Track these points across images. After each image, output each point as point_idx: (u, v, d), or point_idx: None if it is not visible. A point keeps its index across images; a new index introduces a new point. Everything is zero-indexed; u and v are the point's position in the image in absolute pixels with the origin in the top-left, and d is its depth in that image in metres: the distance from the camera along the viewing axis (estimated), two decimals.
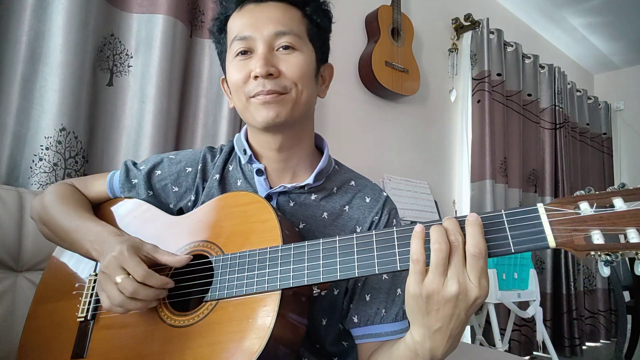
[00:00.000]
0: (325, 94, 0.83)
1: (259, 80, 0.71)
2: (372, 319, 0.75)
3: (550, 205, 0.53)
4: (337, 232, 0.79)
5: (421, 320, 0.56)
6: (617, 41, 3.95)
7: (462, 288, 0.52)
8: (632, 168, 4.28)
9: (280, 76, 0.72)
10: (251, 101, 0.73)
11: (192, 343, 0.63)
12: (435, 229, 0.54)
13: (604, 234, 0.49)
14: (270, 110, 0.71)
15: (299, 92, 0.73)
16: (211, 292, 0.66)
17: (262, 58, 0.71)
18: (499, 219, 0.54)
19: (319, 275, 0.61)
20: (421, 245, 0.54)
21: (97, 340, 0.72)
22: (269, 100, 0.71)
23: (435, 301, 0.53)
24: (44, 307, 0.81)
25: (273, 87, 0.71)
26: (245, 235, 0.68)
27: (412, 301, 0.55)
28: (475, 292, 0.52)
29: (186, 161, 0.85)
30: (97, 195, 0.88)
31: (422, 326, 0.56)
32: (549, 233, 0.51)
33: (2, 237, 1.01)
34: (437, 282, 0.52)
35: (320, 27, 0.78)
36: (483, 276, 0.53)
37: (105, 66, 1.42)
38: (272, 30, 0.72)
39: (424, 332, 0.56)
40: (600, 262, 0.49)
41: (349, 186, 0.84)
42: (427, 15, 2.72)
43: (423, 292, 0.53)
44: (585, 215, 0.50)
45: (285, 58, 0.72)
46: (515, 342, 2.83)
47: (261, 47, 0.72)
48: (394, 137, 2.51)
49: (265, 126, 0.73)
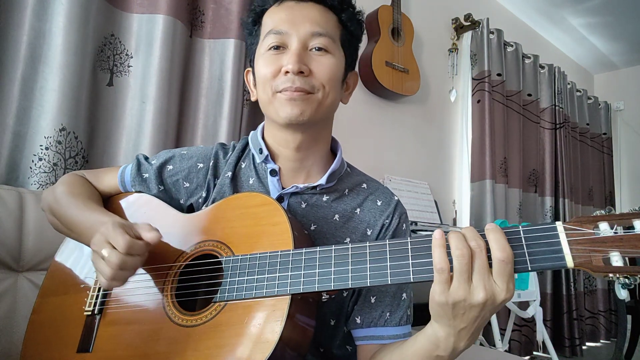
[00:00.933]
0: (347, 101, 0.84)
1: (289, 76, 0.71)
2: (375, 321, 0.75)
3: (569, 224, 0.52)
4: (348, 235, 0.79)
5: (447, 322, 0.55)
6: (617, 41, 3.95)
7: (489, 294, 0.51)
8: (632, 168, 4.28)
9: (311, 75, 0.72)
10: (277, 96, 0.73)
11: (199, 344, 0.63)
12: (453, 236, 0.53)
13: (623, 256, 0.48)
14: (295, 107, 0.71)
15: (326, 94, 0.73)
16: (220, 293, 0.66)
17: (295, 54, 0.71)
18: (516, 235, 0.53)
19: (330, 282, 0.60)
20: (444, 253, 0.53)
21: (103, 335, 0.72)
22: (296, 97, 0.71)
23: (461, 307, 0.53)
24: (50, 301, 0.81)
25: (302, 84, 0.71)
26: (256, 237, 0.68)
27: (438, 308, 0.55)
28: (502, 296, 0.52)
29: (197, 157, 0.85)
30: (108, 188, 0.88)
31: (448, 326, 0.56)
32: (567, 253, 0.50)
33: (2, 237, 1.01)
34: (463, 290, 0.52)
35: (353, 35, 0.80)
36: (511, 280, 0.52)
37: (106, 66, 1.42)
38: (309, 30, 0.73)
39: (449, 330, 0.56)
40: (617, 285, 0.49)
41: (361, 189, 0.84)
42: (427, 15, 2.72)
43: (449, 300, 0.53)
44: (605, 236, 0.49)
45: (317, 59, 0.73)
46: (516, 342, 2.83)
47: (295, 43, 0.72)
48: (394, 137, 2.51)
49: (288, 122, 0.73)
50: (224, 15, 1.64)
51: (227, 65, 1.62)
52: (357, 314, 0.76)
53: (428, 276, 0.56)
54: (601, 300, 3.74)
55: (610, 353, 3.20)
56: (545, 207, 3.24)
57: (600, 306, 3.73)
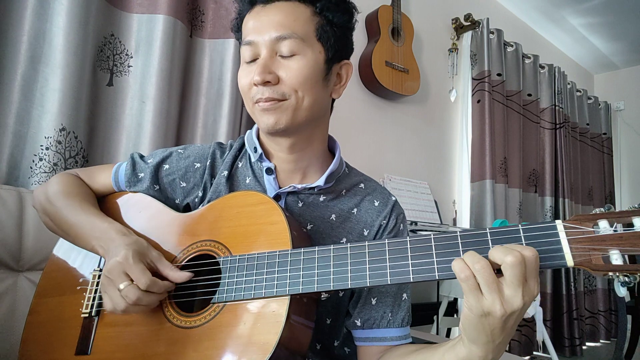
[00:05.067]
0: (340, 94, 0.80)
1: (259, 87, 0.71)
2: (377, 323, 0.75)
3: (569, 222, 0.51)
4: (345, 235, 0.78)
5: (484, 338, 0.52)
6: (617, 41, 3.95)
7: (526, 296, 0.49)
8: (632, 168, 4.28)
9: (280, 83, 0.70)
10: (255, 107, 0.73)
11: (199, 345, 0.63)
12: (466, 255, 0.51)
13: (622, 254, 0.48)
14: (270, 117, 0.71)
15: (299, 98, 0.71)
16: (219, 294, 0.65)
17: (260, 65, 0.70)
18: (516, 234, 0.53)
19: (329, 282, 0.60)
20: (463, 262, 0.51)
21: (101, 337, 0.71)
22: (267, 107, 0.71)
23: (499, 321, 0.50)
24: (47, 302, 0.80)
25: (271, 94, 0.70)
26: (254, 236, 0.67)
27: (477, 322, 0.51)
28: (534, 293, 0.50)
29: (195, 156, 0.84)
30: (103, 187, 0.87)
31: (485, 343, 0.53)
32: (567, 252, 0.50)
33: (2, 237, 1.01)
34: (499, 301, 0.49)
35: (334, 23, 0.74)
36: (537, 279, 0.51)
37: (105, 66, 1.42)
38: (273, 35, 0.71)
39: (488, 348, 0.53)
40: (617, 283, 0.48)
41: (358, 189, 0.83)
42: (427, 15, 2.72)
43: (484, 314, 0.50)
44: (604, 234, 0.49)
45: (285, 64, 0.71)
46: (516, 342, 2.83)
47: (263, 52, 0.71)
48: (394, 137, 2.51)
49: (268, 132, 0.73)
50: (224, 15, 1.64)
51: (227, 65, 1.62)
52: (358, 316, 0.76)
53: (428, 276, 0.55)
54: (601, 300, 3.74)
55: (610, 353, 3.20)
56: (545, 207, 3.24)
57: (600, 306, 3.73)
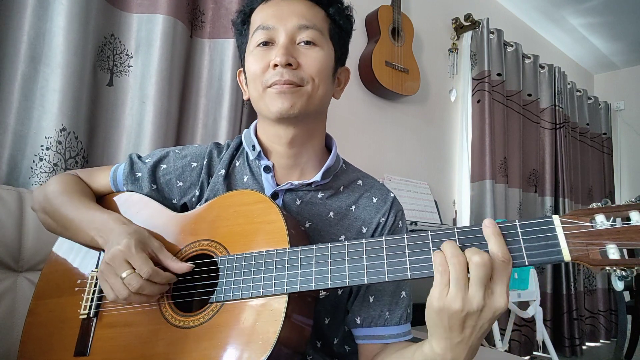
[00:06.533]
0: (339, 96, 0.84)
1: (278, 69, 0.71)
2: (375, 321, 0.75)
3: (566, 217, 0.51)
4: (343, 232, 0.78)
5: (443, 334, 0.54)
6: (617, 41, 3.95)
7: (486, 302, 0.50)
8: (632, 168, 4.28)
9: (299, 68, 0.72)
10: (267, 91, 0.73)
11: (197, 345, 0.63)
12: (448, 244, 0.53)
13: (620, 249, 0.48)
14: (285, 100, 0.71)
15: (316, 86, 0.73)
16: (216, 293, 0.65)
17: (283, 47, 0.72)
18: (513, 230, 0.53)
19: (327, 280, 0.60)
20: (444, 257, 0.52)
21: (100, 338, 0.71)
22: (285, 90, 0.71)
23: (457, 317, 0.51)
24: (45, 303, 0.80)
25: (291, 77, 0.71)
26: (251, 235, 0.67)
27: (434, 316, 0.53)
28: (500, 303, 0.51)
29: (192, 156, 0.85)
30: (101, 187, 0.88)
31: (444, 339, 0.54)
32: (564, 247, 0.50)
33: (2, 237, 1.01)
34: (461, 298, 0.51)
35: (342, 29, 0.80)
36: (507, 286, 0.51)
37: (106, 66, 1.42)
38: (295, 23, 0.73)
39: (446, 344, 0.55)
40: (614, 277, 0.48)
41: (356, 185, 0.83)
42: (427, 15, 2.73)
43: (445, 306, 0.52)
44: (601, 228, 0.49)
45: (305, 52, 0.73)
46: (516, 342, 2.83)
47: (283, 38, 0.73)
48: (394, 137, 2.51)
49: (279, 117, 0.73)
50: (224, 15, 1.64)
51: (227, 65, 1.62)
52: (357, 314, 0.76)
53: (426, 272, 0.55)
54: (601, 300, 3.74)
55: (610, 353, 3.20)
56: (545, 207, 3.24)
57: (600, 306, 3.73)
